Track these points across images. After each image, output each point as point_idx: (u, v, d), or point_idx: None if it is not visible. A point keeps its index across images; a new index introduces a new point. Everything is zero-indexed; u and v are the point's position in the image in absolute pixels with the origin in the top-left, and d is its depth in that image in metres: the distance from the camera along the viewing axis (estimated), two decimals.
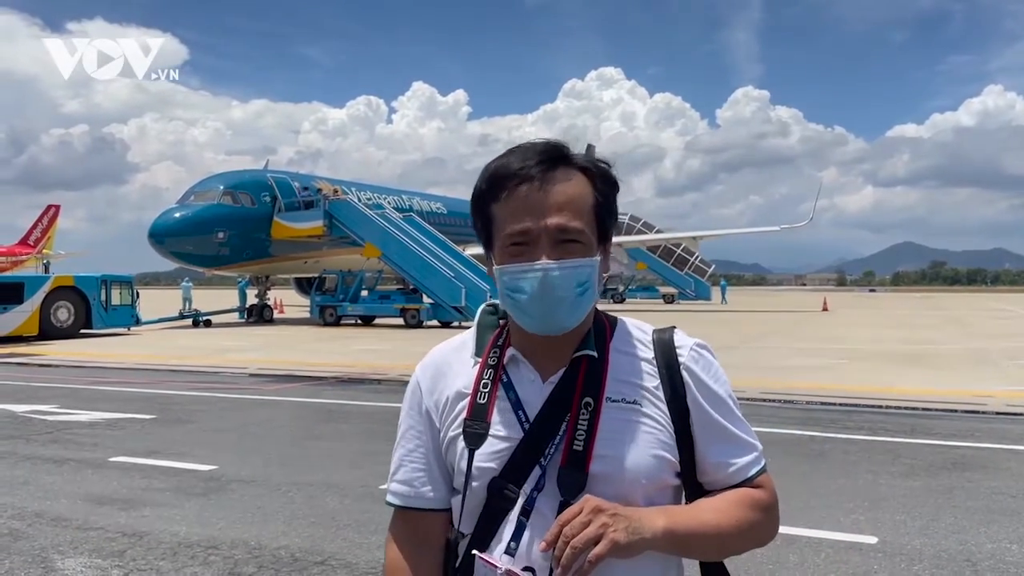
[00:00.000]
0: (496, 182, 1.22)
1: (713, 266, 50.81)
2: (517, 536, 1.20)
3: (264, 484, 5.87)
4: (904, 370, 12.74)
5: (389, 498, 1.35)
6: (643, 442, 1.22)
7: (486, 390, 1.26)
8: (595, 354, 1.25)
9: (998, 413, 8.82)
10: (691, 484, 1.29)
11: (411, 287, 26.78)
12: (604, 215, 1.24)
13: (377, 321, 26.74)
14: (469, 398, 1.27)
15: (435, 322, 25.35)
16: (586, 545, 1.08)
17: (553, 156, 1.22)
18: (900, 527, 4.80)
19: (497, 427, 1.24)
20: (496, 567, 1.16)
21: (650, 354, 1.29)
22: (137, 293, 24.16)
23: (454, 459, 1.28)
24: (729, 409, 1.29)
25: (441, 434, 1.31)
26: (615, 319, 1.34)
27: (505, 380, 1.27)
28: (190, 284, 32.72)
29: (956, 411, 8.93)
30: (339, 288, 27.63)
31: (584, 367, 1.25)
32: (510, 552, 1.19)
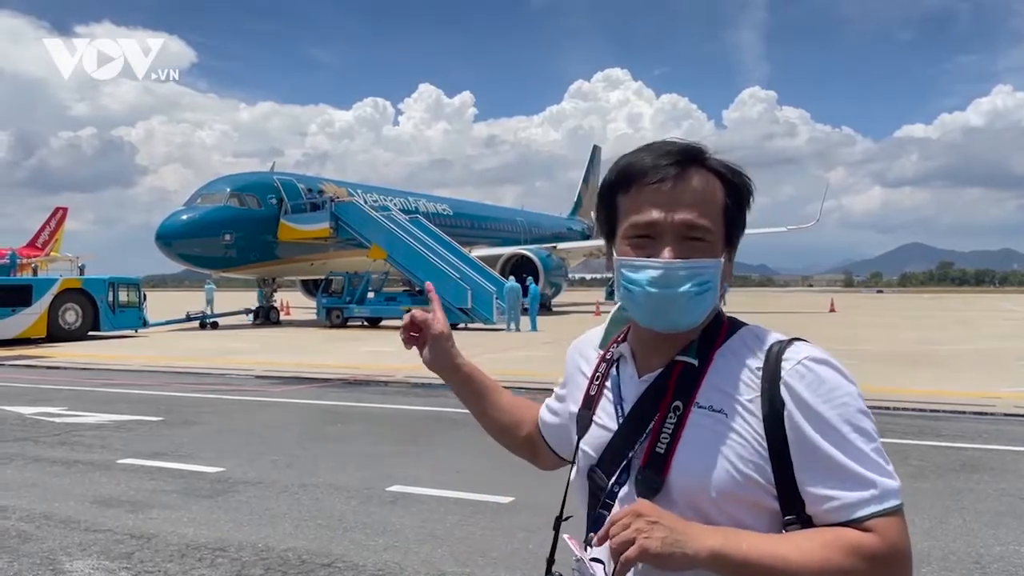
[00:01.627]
0: (627, 175, 1.23)
1: None
2: (595, 527, 1.23)
3: (271, 486, 5.88)
4: (912, 371, 12.70)
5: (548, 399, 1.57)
6: (720, 454, 1.15)
7: (598, 382, 1.33)
8: (694, 362, 1.22)
9: (1007, 415, 8.78)
10: (797, 512, 1.15)
11: (417, 289, 26.80)
12: (732, 220, 1.23)
13: (383, 323, 26.76)
14: (585, 387, 1.36)
15: None
16: (620, 547, 1.05)
17: (688, 156, 1.22)
18: (908, 529, 4.77)
19: (600, 416, 1.30)
20: (575, 553, 1.21)
21: (758, 363, 1.19)
22: (144, 295, 24.24)
23: (570, 436, 1.38)
24: (840, 435, 1.11)
25: (569, 408, 1.43)
26: (740, 325, 1.27)
27: (614, 374, 1.32)
28: (213, 286, 32.79)
29: (964, 412, 8.90)
30: (345, 290, 27.68)
31: (679, 369, 1.23)
32: (588, 542, 1.23)
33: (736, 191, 1.23)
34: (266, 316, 28.84)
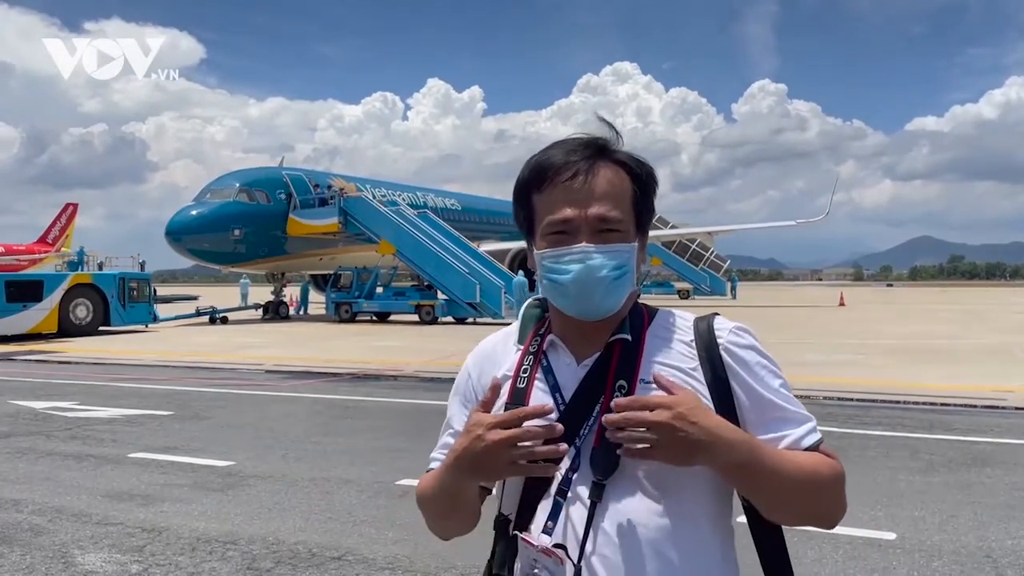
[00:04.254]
0: (540, 173, 1.28)
1: (728, 261, 50.51)
2: (554, 516, 1.22)
3: (281, 480, 5.91)
4: (922, 365, 12.63)
5: (432, 465, 1.44)
6: None
7: (525, 375, 1.31)
8: (629, 338, 1.28)
9: (1018, 408, 8.73)
10: None
11: (426, 284, 26.84)
12: (641, 208, 1.29)
13: (392, 317, 26.82)
14: (510, 382, 1.32)
15: (450, 318, 25.41)
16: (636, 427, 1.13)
17: (595, 149, 1.27)
18: (919, 523, 4.76)
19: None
20: (534, 546, 1.20)
21: (689, 337, 1.30)
22: (155, 290, 24.30)
23: None
24: (776, 388, 1.27)
25: None
26: (656, 309, 1.36)
27: (545, 365, 1.32)
28: (248, 281, 32.81)
29: (975, 406, 8.86)
30: (354, 285, 27.71)
31: (618, 350, 1.27)
32: (547, 531, 1.22)
33: (641, 180, 1.29)
34: (275, 311, 28.96)
